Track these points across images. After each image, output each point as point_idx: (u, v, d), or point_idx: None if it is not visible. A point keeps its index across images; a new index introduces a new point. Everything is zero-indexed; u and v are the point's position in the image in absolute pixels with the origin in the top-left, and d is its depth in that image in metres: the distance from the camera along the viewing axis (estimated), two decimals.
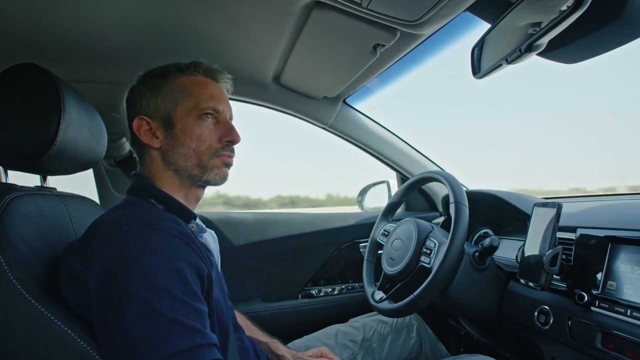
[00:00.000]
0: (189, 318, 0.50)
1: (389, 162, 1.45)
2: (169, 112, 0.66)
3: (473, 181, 1.42)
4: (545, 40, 0.58)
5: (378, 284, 1.05)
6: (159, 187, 0.66)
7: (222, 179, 0.69)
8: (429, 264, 0.89)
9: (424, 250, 0.93)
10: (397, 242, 1.01)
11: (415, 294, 0.84)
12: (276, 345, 0.88)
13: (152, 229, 0.54)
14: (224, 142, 0.68)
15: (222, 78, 0.73)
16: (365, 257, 1.14)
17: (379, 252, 1.11)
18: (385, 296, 0.98)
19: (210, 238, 0.72)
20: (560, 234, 0.78)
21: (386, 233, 1.11)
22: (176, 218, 0.60)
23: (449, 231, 0.87)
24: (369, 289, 1.05)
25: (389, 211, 1.18)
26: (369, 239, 1.17)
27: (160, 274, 0.50)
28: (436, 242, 0.92)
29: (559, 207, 0.74)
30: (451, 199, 0.91)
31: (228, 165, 0.69)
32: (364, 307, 1.11)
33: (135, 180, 0.67)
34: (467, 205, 0.88)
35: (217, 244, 0.75)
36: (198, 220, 0.67)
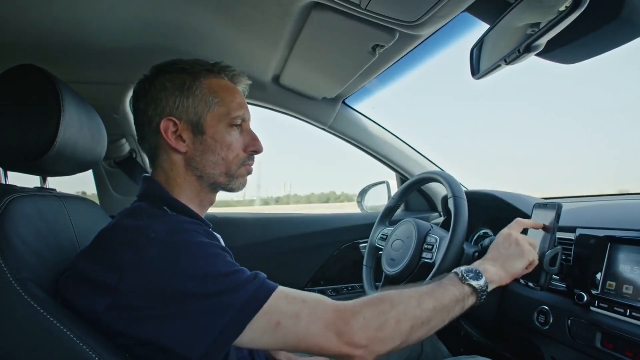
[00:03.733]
0: (242, 276, 0.53)
1: (388, 163, 1.45)
2: (200, 116, 0.64)
3: (473, 182, 1.42)
4: (543, 41, 0.58)
5: (379, 284, 1.04)
6: (175, 194, 0.64)
7: (243, 186, 0.70)
8: (431, 259, 0.89)
9: (425, 246, 0.93)
10: (397, 242, 1.01)
11: None
12: None
13: (179, 232, 0.54)
14: (249, 152, 0.68)
15: (244, 83, 0.72)
16: (364, 263, 1.13)
17: (379, 253, 1.11)
18: None
19: (222, 242, 0.72)
20: (559, 234, 0.78)
21: (384, 237, 1.11)
22: (196, 220, 0.60)
23: (448, 230, 0.87)
24: (370, 293, 1.04)
25: (386, 215, 1.18)
26: (367, 244, 1.16)
27: (201, 263, 0.51)
28: (437, 237, 0.92)
29: (558, 208, 0.74)
30: (449, 194, 0.91)
31: (250, 173, 0.70)
32: None
33: (146, 185, 0.65)
34: (465, 198, 0.89)
35: None
36: (211, 230, 0.66)
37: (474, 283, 0.61)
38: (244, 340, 0.50)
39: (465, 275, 0.62)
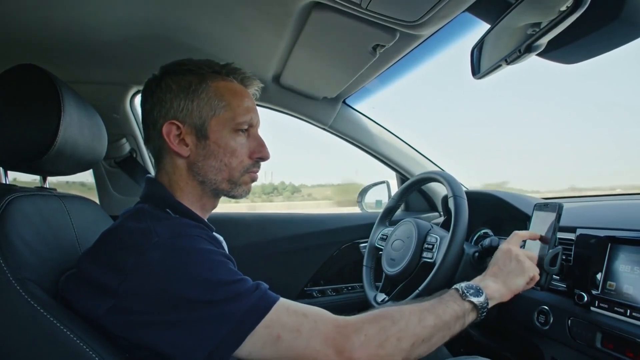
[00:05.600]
0: (244, 286, 0.52)
1: (388, 163, 1.45)
2: (204, 120, 0.62)
3: (474, 181, 1.42)
4: (544, 41, 0.58)
5: (380, 285, 1.04)
6: (178, 197, 0.63)
7: (247, 194, 0.68)
8: (431, 258, 0.89)
9: (426, 246, 0.93)
10: (398, 242, 1.01)
11: (420, 288, 0.84)
12: None
13: (182, 236, 0.54)
14: (255, 158, 0.66)
15: (255, 86, 0.71)
16: (364, 263, 1.13)
17: (379, 253, 1.11)
18: (387, 298, 0.97)
19: (224, 245, 0.72)
20: (560, 234, 0.78)
21: (384, 237, 1.11)
22: (199, 224, 0.60)
23: (449, 230, 0.87)
24: (370, 293, 1.04)
25: (386, 216, 1.17)
26: (367, 245, 1.16)
27: (203, 270, 0.51)
28: (438, 237, 0.92)
29: (559, 208, 0.74)
30: (449, 194, 0.91)
31: (254, 180, 0.68)
32: (365, 307, 1.11)
33: (150, 187, 0.64)
34: (465, 197, 0.89)
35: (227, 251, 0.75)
36: (214, 233, 0.66)
37: (475, 300, 0.61)
38: (243, 352, 0.50)
39: (465, 291, 0.62)
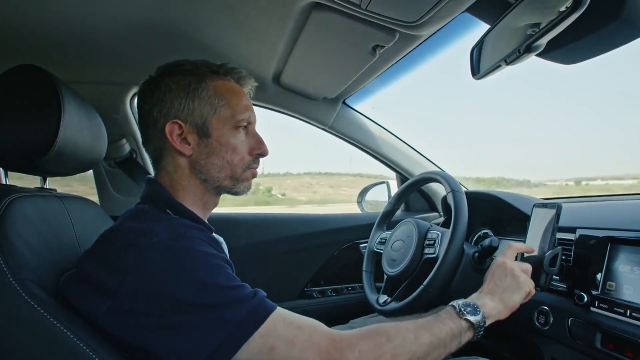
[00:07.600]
0: (243, 293, 0.52)
1: (388, 163, 1.45)
2: (205, 119, 0.63)
3: (476, 174, 1.42)
4: (544, 41, 0.58)
5: (381, 286, 1.04)
6: (179, 197, 0.63)
7: (248, 190, 0.69)
8: (434, 253, 0.89)
9: (427, 242, 0.92)
10: (398, 243, 1.01)
11: (425, 282, 0.84)
12: None
13: (182, 237, 0.54)
14: (254, 155, 0.67)
15: (250, 85, 0.72)
16: (364, 268, 1.12)
17: (379, 257, 1.10)
18: (390, 298, 0.97)
19: (224, 246, 0.72)
20: (559, 235, 0.78)
21: (383, 241, 1.10)
22: (199, 226, 0.60)
23: (449, 229, 0.87)
24: (372, 297, 1.03)
25: (384, 220, 1.17)
26: (366, 250, 1.16)
27: (202, 273, 0.51)
28: (439, 233, 0.91)
29: (558, 208, 0.74)
30: (447, 190, 0.91)
31: (255, 176, 0.69)
32: (365, 307, 1.11)
33: (151, 188, 0.64)
34: (463, 192, 0.89)
35: (227, 252, 0.75)
36: (214, 234, 0.66)
37: (472, 318, 0.61)
38: None
39: (462, 309, 0.61)
